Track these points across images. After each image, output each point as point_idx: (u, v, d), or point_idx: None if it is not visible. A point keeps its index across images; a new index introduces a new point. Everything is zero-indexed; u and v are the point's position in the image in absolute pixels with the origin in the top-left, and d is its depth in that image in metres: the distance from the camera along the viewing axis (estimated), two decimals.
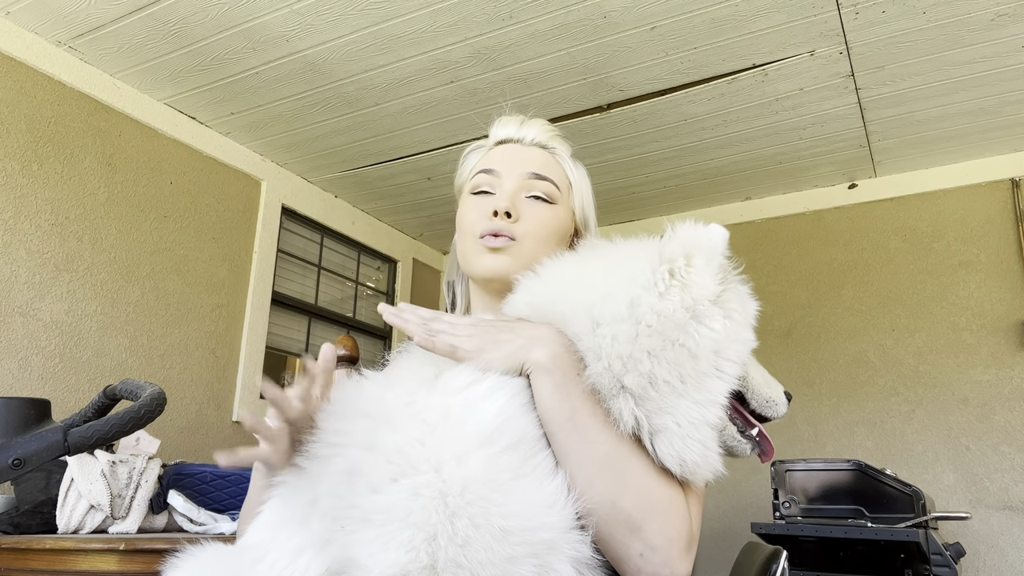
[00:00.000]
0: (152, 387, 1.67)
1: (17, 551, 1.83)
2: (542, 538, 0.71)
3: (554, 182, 1.11)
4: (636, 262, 0.86)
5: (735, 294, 0.88)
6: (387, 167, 3.73)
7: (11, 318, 2.59)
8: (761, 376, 0.98)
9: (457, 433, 0.76)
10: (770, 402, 0.97)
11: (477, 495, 0.71)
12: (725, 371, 0.83)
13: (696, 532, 0.89)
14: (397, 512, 0.70)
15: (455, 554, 0.68)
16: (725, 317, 0.84)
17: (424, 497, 0.70)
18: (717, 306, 0.84)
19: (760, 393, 0.96)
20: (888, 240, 3.68)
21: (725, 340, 0.83)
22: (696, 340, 0.81)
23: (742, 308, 0.88)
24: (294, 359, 3.97)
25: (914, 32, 2.61)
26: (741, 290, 0.90)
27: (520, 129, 1.16)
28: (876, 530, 2.48)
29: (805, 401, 3.68)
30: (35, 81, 2.74)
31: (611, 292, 0.84)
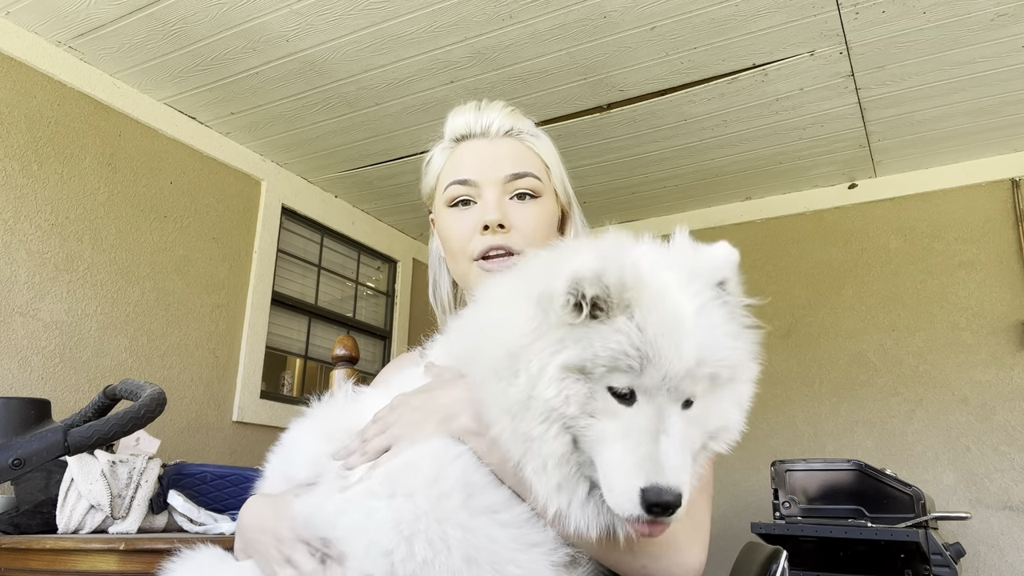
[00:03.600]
0: (152, 387, 1.67)
1: (17, 551, 1.83)
2: (514, 572, 0.72)
3: (534, 174, 1.06)
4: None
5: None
6: (387, 167, 3.73)
7: (11, 318, 2.59)
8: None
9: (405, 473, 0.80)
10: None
11: (429, 525, 0.73)
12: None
13: (699, 513, 0.85)
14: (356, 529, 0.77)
15: (414, 569, 0.72)
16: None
17: (376, 520, 0.76)
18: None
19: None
20: (888, 240, 3.68)
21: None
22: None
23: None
24: (294, 359, 3.97)
25: (914, 32, 2.61)
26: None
27: (480, 118, 1.09)
28: (876, 530, 2.48)
29: (805, 401, 3.68)
30: (35, 81, 2.74)
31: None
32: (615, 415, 0.71)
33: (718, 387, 0.75)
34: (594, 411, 0.71)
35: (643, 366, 0.70)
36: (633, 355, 0.70)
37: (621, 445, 0.69)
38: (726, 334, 0.75)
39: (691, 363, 0.71)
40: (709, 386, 0.74)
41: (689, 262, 0.78)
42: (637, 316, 0.71)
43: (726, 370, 0.74)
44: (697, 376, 0.71)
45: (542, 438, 0.72)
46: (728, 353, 0.74)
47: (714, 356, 0.72)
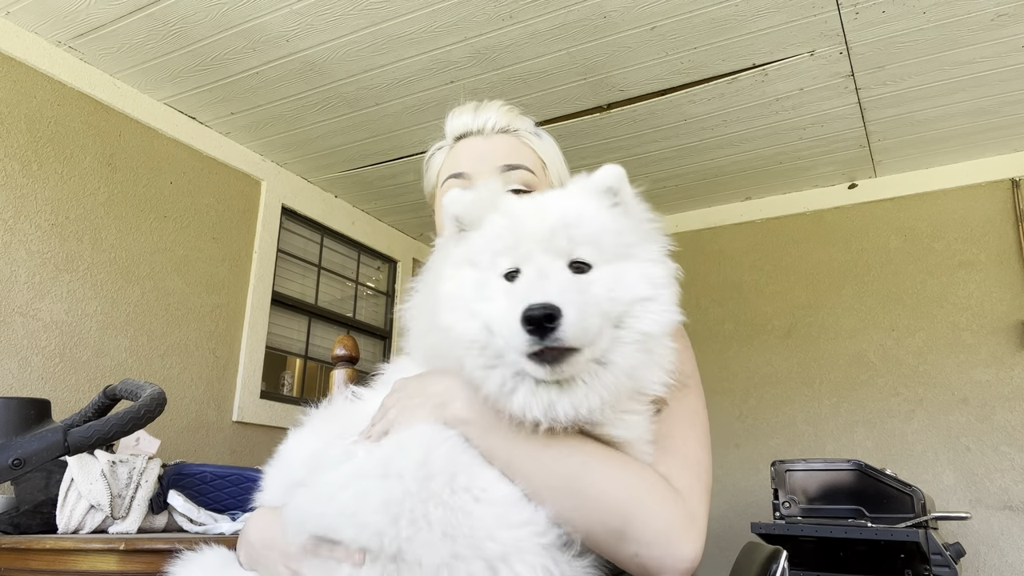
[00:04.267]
0: (152, 387, 1.67)
1: (17, 551, 1.83)
2: (492, 548, 0.74)
3: (527, 167, 1.08)
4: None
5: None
6: (387, 167, 3.73)
7: (11, 318, 2.59)
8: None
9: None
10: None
11: (415, 505, 0.76)
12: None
13: (695, 502, 0.81)
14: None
15: (399, 545, 0.76)
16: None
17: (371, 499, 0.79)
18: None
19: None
20: (888, 240, 3.68)
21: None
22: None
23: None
24: (294, 359, 3.97)
25: (914, 32, 2.61)
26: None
27: (477, 117, 1.11)
28: (876, 530, 2.48)
29: (805, 401, 3.68)
30: (35, 81, 2.74)
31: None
32: (505, 292, 0.79)
33: (618, 260, 0.81)
34: (490, 296, 0.79)
35: (517, 240, 0.80)
36: (504, 234, 0.81)
37: (508, 304, 0.76)
38: (602, 208, 0.84)
39: (555, 221, 0.79)
40: (601, 254, 0.80)
41: (576, 182, 0.88)
42: (502, 211, 0.84)
43: (609, 236, 0.81)
44: (573, 237, 0.79)
45: (453, 324, 0.80)
46: (604, 221, 0.82)
47: (586, 220, 0.81)
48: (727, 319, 3.95)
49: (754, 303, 3.92)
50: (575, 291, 0.74)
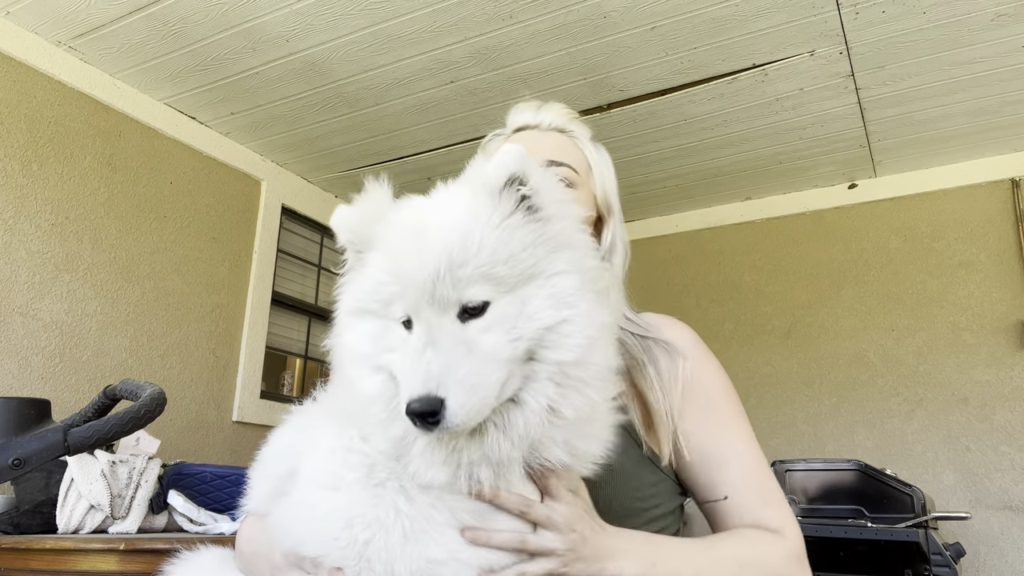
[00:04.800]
0: (152, 387, 1.67)
1: (17, 551, 1.83)
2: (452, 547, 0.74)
3: (571, 166, 1.10)
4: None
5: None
6: (387, 167, 3.73)
7: (11, 318, 2.59)
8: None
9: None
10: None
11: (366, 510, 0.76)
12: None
13: (789, 526, 0.95)
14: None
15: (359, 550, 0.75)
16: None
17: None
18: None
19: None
20: (888, 240, 3.68)
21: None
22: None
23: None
24: (294, 359, 3.97)
25: (914, 32, 2.61)
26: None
27: (537, 114, 1.15)
28: (876, 530, 2.48)
29: (805, 401, 3.68)
30: (35, 81, 2.74)
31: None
32: (405, 343, 0.72)
33: (521, 285, 0.71)
34: (391, 346, 0.73)
35: (404, 287, 0.71)
36: (389, 280, 0.72)
37: (400, 370, 0.71)
38: (490, 229, 0.71)
39: (437, 268, 0.69)
40: (497, 286, 0.70)
41: (470, 176, 0.77)
42: (382, 244, 0.74)
43: (502, 267, 0.70)
44: (460, 279, 0.69)
45: (355, 380, 0.75)
46: (495, 247, 0.70)
47: (473, 253, 0.70)
48: (727, 319, 3.95)
49: (754, 303, 3.92)
50: (463, 355, 0.68)
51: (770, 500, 0.97)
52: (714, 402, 1.02)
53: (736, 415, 1.03)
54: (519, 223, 0.72)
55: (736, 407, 1.04)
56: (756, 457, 1.00)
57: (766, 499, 0.97)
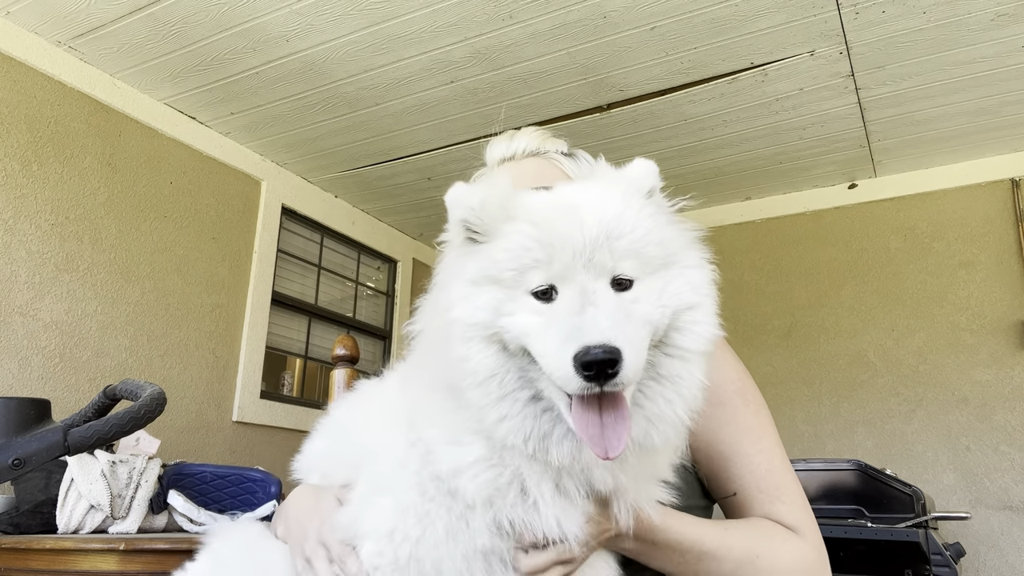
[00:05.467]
0: (152, 387, 1.66)
1: (17, 551, 1.83)
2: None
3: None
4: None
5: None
6: (387, 167, 3.73)
7: (11, 318, 2.59)
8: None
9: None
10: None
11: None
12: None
13: (808, 526, 0.96)
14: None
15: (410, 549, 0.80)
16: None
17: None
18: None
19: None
20: (888, 240, 3.68)
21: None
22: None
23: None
24: (294, 359, 3.97)
25: (914, 32, 2.61)
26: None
27: (511, 144, 1.15)
28: (876, 530, 2.48)
29: (805, 401, 3.68)
30: (35, 81, 2.74)
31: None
32: (539, 312, 0.71)
33: (661, 269, 0.75)
34: (513, 311, 0.72)
35: (550, 254, 0.71)
36: (534, 247, 0.72)
37: (550, 331, 0.69)
38: (644, 215, 0.75)
39: (596, 232, 0.71)
40: (643, 266, 0.74)
41: (610, 176, 0.82)
42: (525, 216, 0.74)
43: (653, 247, 0.74)
44: (616, 250, 0.72)
45: (467, 356, 0.73)
46: (648, 229, 0.74)
47: (628, 229, 0.73)
48: (727, 319, 3.91)
49: (754, 303, 3.92)
50: (625, 318, 0.69)
51: (783, 496, 0.96)
52: (725, 400, 1.01)
53: (750, 414, 1.02)
54: (664, 220, 0.78)
55: (750, 404, 1.03)
56: (768, 455, 0.99)
57: (778, 495, 0.96)
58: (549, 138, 1.17)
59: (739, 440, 1.00)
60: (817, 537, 0.95)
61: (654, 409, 0.74)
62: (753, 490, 0.97)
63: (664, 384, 0.74)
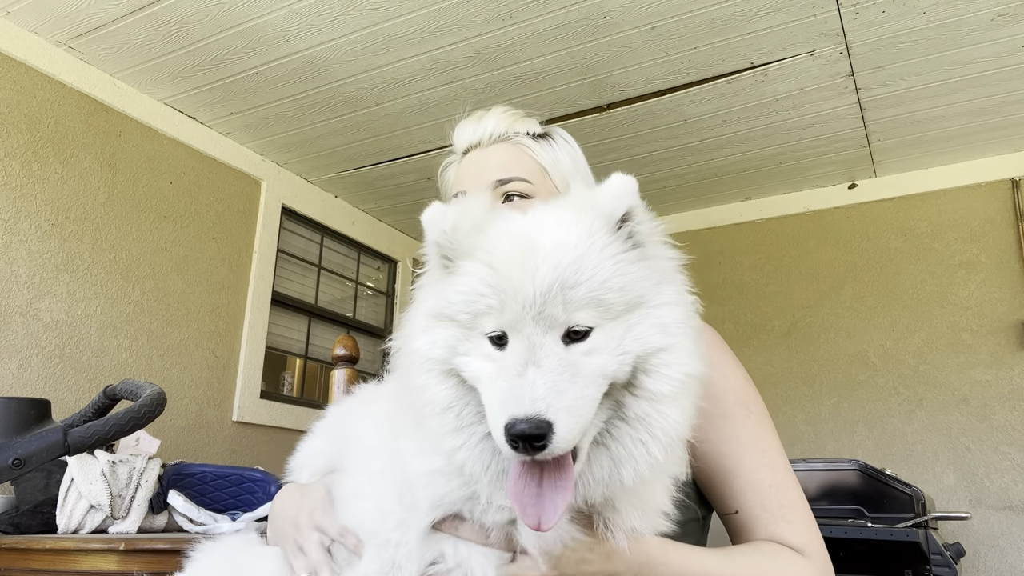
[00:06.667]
0: (152, 387, 1.67)
1: (17, 551, 1.83)
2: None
3: (522, 178, 1.06)
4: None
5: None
6: (387, 167, 3.73)
7: (11, 318, 2.59)
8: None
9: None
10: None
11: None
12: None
13: (815, 548, 0.93)
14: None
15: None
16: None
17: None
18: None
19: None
20: (888, 240, 3.68)
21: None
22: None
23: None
24: (294, 359, 3.97)
25: (914, 32, 2.61)
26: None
27: (478, 127, 1.10)
28: (876, 530, 2.48)
29: (805, 401, 3.68)
30: (35, 81, 2.74)
31: None
32: (491, 359, 0.70)
33: (625, 313, 0.70)
34: (468, 351, 0.71)
35: (503, 301, 0.68)
36: (487, 292, 0.69)
37: (493, 386, 0.68)
38: (606, 256, 0.70)
39: (549, 284, 0.67)
40: (604, 313, 0.69)
41: (580, 202, 0.75)
42: (483, 256, 0.71)
43: (614, 294, 0.69)
44: (571, 301, 0.67)
45: (425, 386, 0.73)
46: (608, 274, 0.69)
47: (587, 276, 0.68)
48: (727, 319, 3.95)
49: (754, 303, 3.92)
50: (569, 379, 0.65)
51: (788, 516, 0.93)
52: (727, 411, 0.98)
53: (752, 425, 0.98)
54: (631, 257, 0.72)
55: (753, 417, 0.99)
56: (772, 470, 0.95)
57: (783, 514, 0.93)
58: (520, 119, 1.11)
59: (741, 454, 0.96)
60: (823, 557, 0.92)
61: (621, 450, 0.71)
62: (757, 508, 0.93)
63: (633, 425, 0.71)
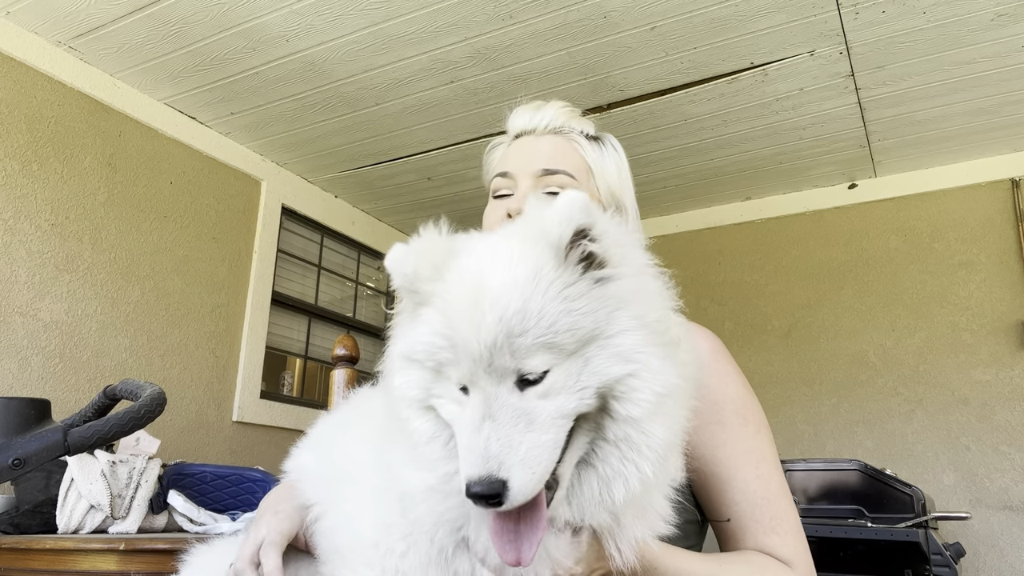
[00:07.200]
0: (152, 387, 1.67)
1: (17, 551, 1.83)
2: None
3: (567, 172, 1.07)
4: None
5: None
6: (387, 167, 3.73)
7: (11, 318, 2.59)
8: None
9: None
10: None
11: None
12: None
13: (801, 558, 0.94)
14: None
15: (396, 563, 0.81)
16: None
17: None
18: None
19: None
20: (888, 240, 3.68)
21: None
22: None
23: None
24: (294, 359, 3.97)
25: (914, 32, 2.61)
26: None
27: (535, 116, 1.11)
28: (876, 530, 2.48)
29: (805, 401, 3.68)
30: (35, 81, 2.74)
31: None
32: (460, 402, 0.70)
33: (581, 348, 0.68)
34: (441, 393, 0.71)
35: (456, 355, 0.68)
36: (444, 345, 0.68)
37: (459, 436, 0.68)
38: (551, 297, 0.67)
39: (495, 338, 0.65)
40: (557, 353, 0.67)
41: (531, 230, 0.71)
42: (439, 303, 0.70)
43: (563, 335, 0.66)
44: (519, 349, 0.65)
45: (408, 419, 0.75)
46: (555, 316, 0.66)
47: (532, 324, 0.66)
48: (727, 319, 3.95)
49: (754, 303, 3.92)
50: (524, 428, 0.65)
51: (778, 528, 0.93)
52: (724, 419, 0.98)
53: (749, 435, 0.98)
54: (582, 290, 0.68)
55: (751, 427, 0.99)
56: (766, 481, 0.96)
57: (773, 526, 0.93)
58: (577, 116, 1.12)
59: (736, 463, 0.96)
60: (809, 570, 0.93)
61: (609, 470, 0.71)
62: (748, 519, 0.94)
63: (617, 446, 0.70)
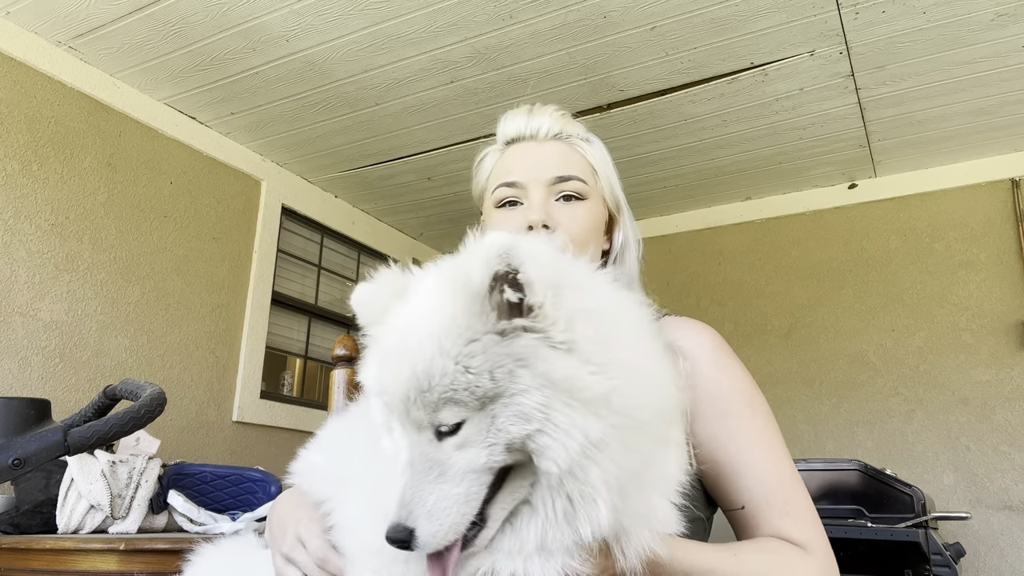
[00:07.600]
0: (152, 387, 1.67)
1: (17, 551, 1.83)
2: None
3: (579, 177, 1.07)
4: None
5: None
6: (387, 167, 3.73)
7: (11, 318, 2.59)
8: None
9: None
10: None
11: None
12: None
13: (819, 544, 0.94)
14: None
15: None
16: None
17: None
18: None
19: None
20: (888, 240, 3.68)
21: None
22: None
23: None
24: (294, 359, 3.97)
25: (914, 32, 2.61)
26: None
27: (530, 122, 1.11)
28: (876, 530, 2.48)
29: (805, 401, 3.68)
30: (35, 81, 2.74)
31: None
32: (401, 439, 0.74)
33: (489, 403, 0.67)
34: (393, 425, 0.74)
35: (386, 402, 0.72)
36: (379, 389, 0.73)
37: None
38: (452, 358, 0.67)
39: (407, 390, 0.68)
40: (466, 407, 0.67)
41: (459, 274, 0.71)
42: (378, 348, 0.74)
43: (463, 393, 0.66)
44: (429, 403, 0.67)
45: (379, 437, 0.77)
46: (456, 377, 0.67)
47: (437, 380, 0.67)
48: (727, 319, 3.95)
49: (754, 303, 3.92)
50: (435, 479, 0.67)
51: (791, 511, 0.94)
52: (732, 410, 0.99)
53: (759, 424, 0.99)
54: (484, 346, 0.67)
55: (758, 415, 1.00)
56: (778, 467, 0.97)
57: (787, 510, 0.94)
58: (570, 120, 1.13)
59: (748, 452, 0.97)
60: (827, 554, 0.94)
61: (560, 511, 0.70)
62: (762, 504, 0.95)
63: (560, 491, 0.69)
